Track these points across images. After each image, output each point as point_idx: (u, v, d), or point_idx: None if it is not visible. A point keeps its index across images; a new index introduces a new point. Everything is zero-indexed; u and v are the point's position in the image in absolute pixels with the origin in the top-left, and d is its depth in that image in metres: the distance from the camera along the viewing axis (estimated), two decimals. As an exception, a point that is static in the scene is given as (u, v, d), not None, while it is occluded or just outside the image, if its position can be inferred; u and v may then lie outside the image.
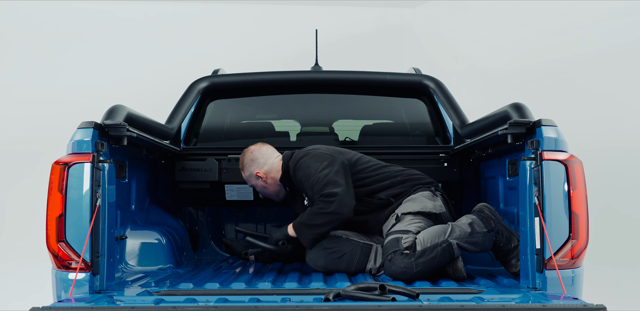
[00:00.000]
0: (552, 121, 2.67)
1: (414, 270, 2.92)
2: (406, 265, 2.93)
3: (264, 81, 4.05)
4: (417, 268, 2.93)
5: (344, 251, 3.17)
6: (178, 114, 3.67)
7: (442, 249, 2.96)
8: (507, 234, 3.02)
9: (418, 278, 2.94)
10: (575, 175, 2.60)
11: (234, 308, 2.19)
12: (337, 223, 3.18)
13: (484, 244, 3.01)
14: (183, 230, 3.85)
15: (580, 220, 2.59)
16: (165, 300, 2.36)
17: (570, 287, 2.58)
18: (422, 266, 2.93)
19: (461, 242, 2.98)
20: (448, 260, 2.97)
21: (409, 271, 2.93)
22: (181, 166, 3.86)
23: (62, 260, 2.58)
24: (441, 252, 2.95)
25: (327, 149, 3.43)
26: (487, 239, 3.00)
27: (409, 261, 2.94)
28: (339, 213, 3.13)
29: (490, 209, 3.13)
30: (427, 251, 2.95)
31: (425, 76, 4.03)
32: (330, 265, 3.18)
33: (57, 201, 2.57)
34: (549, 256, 2.55)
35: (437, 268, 2.97)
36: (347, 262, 3.15)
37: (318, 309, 2.13)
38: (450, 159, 3.90)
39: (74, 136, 2.62)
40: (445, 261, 2.96)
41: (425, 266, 2.93)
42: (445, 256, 2.95)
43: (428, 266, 2.93)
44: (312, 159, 3.33)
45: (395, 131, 4.42)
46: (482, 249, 3.04)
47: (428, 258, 2.94)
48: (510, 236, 3.02)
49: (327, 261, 3.18)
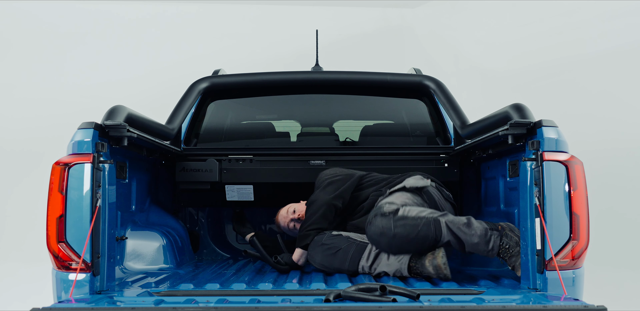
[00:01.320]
0: (552, 121, 2.67)
1: (392, 231, 2.91)
2: (384, 225, 2.94)
3: (265, 81, 4.05)
4: (396, 230, 2.91)
5: (339, 247, 3.18)
6: (178, 115, 3.67)
7: (427, 220, 2.94)
8: (517, 239, 2.93)
9: (397, 246, 2.93)
10: (576, 176, 2.60)
11: (234, 309, 2.19)
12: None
13: (480, 237, 2.92)
14: (183, 231, 3.85)
15: (581, 221, 2.59)
16: (166, 301, 2.36)
17: (571, 288, 2.57)
18: (401, 229, 2.91)
19: (452, 226, 2.94)
20: (432, 235, 2.91)
21: (388, 233, 2.92)
22: (181, 166, 3.86)
23: (62, 260, 2.58)
24: (425, 222, 2.93)
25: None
26: (484, 234, 2.93)
27: (387, 221, 2.94)
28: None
29: (509, 225, 3.04)
30: (410, 218, 2.95)
31: (426, 76, 4.03)
32: (326, 261, 3.19)
33: (58, 201, 2.57)
34: (550, 257, 2.54)
35: (418, 240, 2.92)
36: (341, 258, 3.15)
37: (318, 310, 2.13)
38: (450, 160, 3.90)
39: (74, 137, 2.62)
40: (429, 235, 2.91)
41: (404, 230, 2.91)
42: (429, 229, 2.91)
43: (408, 231, 2.91)
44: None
45: (395, 131, 4.42)
46: (478, 244, 2.93)
47: (409, 223, 2.93)
48: (519, 241, 2.97)
49: (323, 257, 3.20)
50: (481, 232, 2.95)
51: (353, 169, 3.84)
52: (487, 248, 2.95)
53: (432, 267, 2.96)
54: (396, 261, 3.05)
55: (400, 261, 3.04)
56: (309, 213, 3.43)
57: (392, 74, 4.05)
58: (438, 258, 2.95)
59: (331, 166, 3.90)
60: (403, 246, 2.98)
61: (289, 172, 3.91)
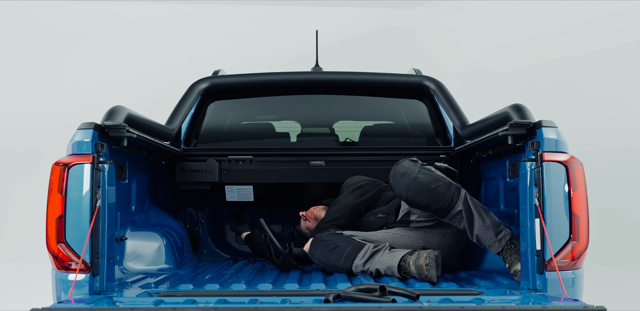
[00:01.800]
0: (552, 122, 2.67)
1: (414, 174, 2.96)
2: (410, 167, 3.01)
3: (265, 81, 4.05)
4: (419, 174, 2.96)
5: (337, 244, 3.20)
6: (178, 115, 3.67)
7: (450, 182, 2.99)
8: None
9: (413, 190, 2.96)
10: (576, 176, 2.60)
11: (234, 310, 2.19)
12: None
13: (493, 224, 2.94)
14: (183, 231, 3.85)
15: (581, 221, 2.59)
16: (165, 301, 2.36)
17: (570, 288, 2.57)
18: (424, 176, 2.96)
19: (471, 200, 2.97)
20: (449, 197, 2.93)
21: (410, 174, 2.97)
22: (181, 167, 3.86)
23: (62, 261, 2.58)
24: (447, 182, 2.98)
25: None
26: (497, 224, 2.95)
27: (414, 165, 3.01)
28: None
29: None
30: (435, 173, 3.00)
31: (426, 76, 4.03)
32: (324, 257, 3.22)
33: (57, 202, 2.57)
34: (550, 258, 2.54)
35: (434, 194, 2.94)
36: (337, 256, 3.17)
37: (318, 310, 2.13)
38: (450, 160, 3.90)
39: (73, 137, 2.62)
40: (446, 194, 2.93)
41: (426, 178, 2.96)
42: (449, 189, 2.95)
43: (429, 180, 2.95)
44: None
45: (395, 132, 4.42)
46: (488, 229, 2.94)
47: (432, 175, 2.98)
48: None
49: (322, 253, 3.23)
50: (495, 221, 2.98)
51: (353, 169, 3.86)
52: (495, 238, 2.94)
53: (414, 267, 2.95)
54: (388, 259, 3.06)
55: (393, 258, 3.04)
56: (332, 210, 3.56)
57: (392, 75, 4.05)
58: (421, 258, 2.93)
59: (331, 166, 3.91)
60: (419, 194, 2.98)
61: (289, 172, 3.91)
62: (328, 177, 3.89)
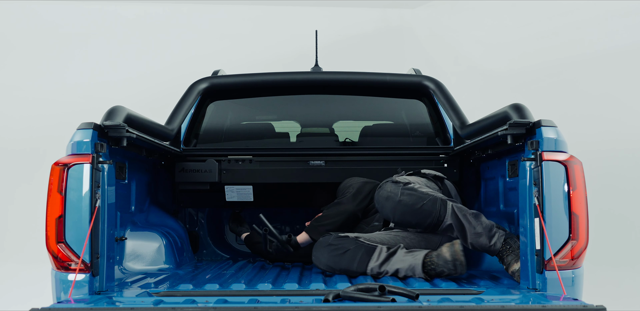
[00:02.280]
0: (552, 121, 2.67)
1: (397, 197, 2.97)
2: (392, 190, 3.01)
3: (264, 82, 4.05)
4: (402, 197, 2.97)
5: (347, 248, 3.13)
6: (178, 115, 3.67)
7: (434, 197, 2.98)
8: (519, 245, 2.91)
9: (400, 213, 2.98)
10: (575, 176, 2.60)
11: (233, 309, 2.19)
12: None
13: (485, 229, 2.93)
14: (183, 231, 3.85)
15: (580, 221, 2.59)
16: (165, 301, 2.36)
17: (570, 288, 2.57)
18: (407, 197, 2.97)
19: (458, 211, 2.96)
20: (436, 213, 2.94)
21: (393, 198, 2.98)
22: (181, 167, 3.86)
23: (61, 261, 2.58)
24: (432, 199, 2.97)
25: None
26: (489, 228, 2.94)
27: (396, 187, 3.01)
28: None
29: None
30: (419, 192, 3.00)
31: (425, 76, 4.02)
32: (333, 261, 3.14)
33: (57, 202, 2.57)
34: (549, 257, 2.54)
35: (422, 213, 2.96)
36: (349, 259, 3.10)
37: (317, 310, 2.13)
38: (450, 160, 3.90)
39: (73, 137, 2.62)
40: (432, 211, 2.94)
41: (410, 199, 2.96)
42: (434, 205, 2.95)
43: (413, 200, 2.96)
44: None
45: (395, 132, 4.42)
46: (481, 235, 2.94)
47: (416, 194, 2.98)
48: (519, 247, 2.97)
49: (330, 257, 3.15)
50: (487, 225, 2.97)
51: (353, 169, 3.86)
52: (490, 243, 2.94)
53: (449, 254, 2.88)
54: (411, 257, 3.00)
55: (415, 257, 2.99)
56: (330, 213, 3.54)
57: (391, 75, 4.05)
58: (456, 244, 2.90)
59: (331, 166, 3.91)
60: (406, 216, 2.99)
61: (288, 172, 3.91)
62: (328, 177, 3.89)
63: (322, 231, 3.47)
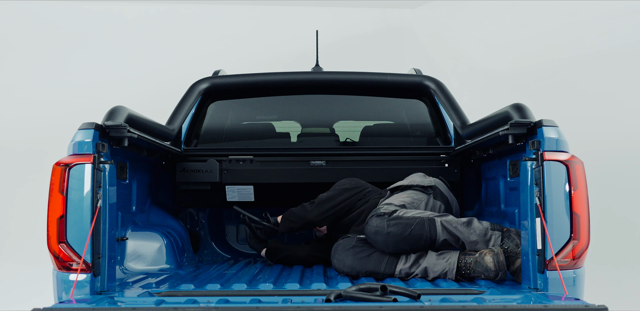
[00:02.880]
0: (553, 121, 2.67)
1: (385, 230, 2.98)
2: (378, 224, 3.02)
3: (265, 82, 4.05)
4: (389, 229, 2.98)
5: (373, 249, 3.09)
6: (179, 115, 3.68)
7: (421, 219, 2.99)
8: (518, 242, 2.91)
9: (392, 244, 2.98)
10: (577, 175, 2.60)
11: (235, 309, 2.19)
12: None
13: (479, 236, 2.93)
14: (184, 231, 3.85)
15: (582, 220, 2.59)
16: (166, 301, 2.36)
17: (571, 288, 2.57)
18: (394, 228, 2.97)
19: (448, 225, 2.97)
20: (426, 234, 2.95)
21: (381, 231, 2.99)
22: (182, 167, 3.86)
23: (63, 261, 2.58)
24: (419, 222, 2.99)
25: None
26: (483, 233, 2.94)
27: (381, 221, 3.02)
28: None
29: (517, 231, 3.01)
30: (404, 218, 3.02)
31: (426, 76, 4.03)
32: (359, 264, 3.08)
33: (58, 202, 2.57)
34: (551, 257, 2.54)
35: (412, 238, 2.96)
36: (376, 261, 3.06)
37: (319, 310, 2.13)
38: (451, 160, 3.90)
39: (74, 137, 2.62)
40: (422, 234, 2.95)
41: (397, 229, 2.97)
42: (423, 228, 2.96)
43: (401, 230, 2.96)
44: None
45: (396, 131, 4.42)
46: (477, 242, 2.94)
47: (402, 222, 2.99)
48: (520, 244, 2.93)
49: (355, 260, 3.09)
50: (480, 231, 2.96)
51: (353, 169, 3.85)
52: (487, 247, 2.95)
53: (493, 264, 2.83)
54: (443, 261, 2.97)
55: (448, 261, 2.95)
56: (296, 214, 3.59)
57: (392, 75, 4.05)
58: (501, 255, 2.84)
59: (331, 166, 3.91)
60: (398, 245, 3.00)
61: (289, 172, 3.91)
62: (328, 177, 3.89)
63: (286, 227, 3.59)
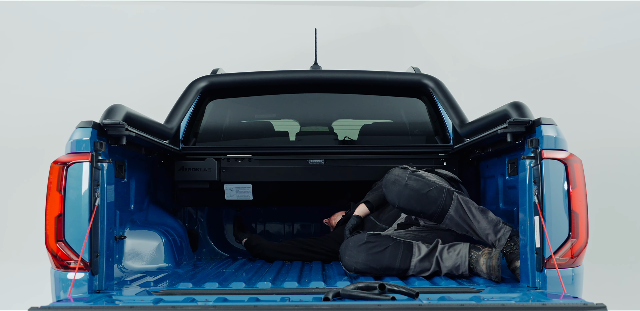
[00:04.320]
0: (551, 119, 2.66)
1: (404, 181, 3.00)
2: (400, 174, 3.05)
3: (263, 80, 4.05)
4: (409, 181, 2.99)
5: (386, 244, 3.03)
6: (177, 114, 3.67)
7: (441, 187, 3.00)
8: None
9: (405, 197, 2.99)
10: (575, 174, 2.60)
11: (233, 308, 2.18)
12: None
13: (490, 224, 2.93)
14: (182, 230, 3.85)
15: (580, 219, 2.59)
16: (164, 300, 2.36)
17: (570, 286, 2.57)
18: (414, 182, 2.98)
19: (464, 203, 2.97)
20: (441, 202, 2.95)
21: (401, 181, 3.01)
22: (180, 165, 3.86)
23: (60, 259, 2.58)
24: (439, 187, 2.99)
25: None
26: (495, 223, 2.93)
27: (404, 172, 3.05)
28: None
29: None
30: (426, 179, 3.03)
31: (425, 75, 4.02)
32: (373, 260, 3.00)
33: (56, 200, 2.57)
34: (549, 255, 2.54)
35: (427, 200, 2.97)
36: (391, 256, 2.99)
37: (317, 308, 2.12)
38: (449, 159, 3.90)
39: (72, 136, 2.62)
40: (438, 199, 2.95)
41: (417, 184, 2.98)
42: (440, 194, 2.96)
43: (420, 186, 2.98)
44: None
45: (394, 130, 4.42)
46: (485, 229, 2.93)
47: (423, 180, 3.01)
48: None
49: (369, 256, 3.01)
50: (492, 220, 2.96)
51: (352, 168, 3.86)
52: (495, 237, 2.93)
53: (485, 267, 2.87)
54: (455, 255, 2.95)
55: (459, 255, 2.94)
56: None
57: (390, 73, 4.04)
58: (494, 259, 2.85)
59: (330, 165, 3.91)
60: (411, 201, 2.99)
61: (288, 171, 3.91)
62: (327, 175, 3.89)
63: (373, 198, 3.53)
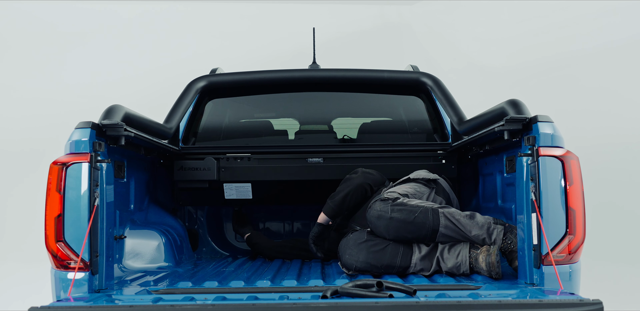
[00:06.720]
0: (548, 117, 2.68)
1: (388, 215, 2.98)
2: (382, 209, 3.01)
3: (262, 79, 4.06)
4: (393, 214, 2.97)
5: (387, 242, 3.05)
6: (176, 114, 3.68)
7: (425, 209, 2.98)
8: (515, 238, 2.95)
9: (394, 229, 2.96)
10: (572, 171, 2.61)
11: (232, 306, 2.20)
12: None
13: (482, 229, 2.94)
14: (182, 229, 3.86)
15: (577, 216, 2.60)
16: (164, 299, 2.37)
17: (567, 282, 2.59)
18: (398, 213, 2.97)
19: (450, 216, 2.96)
20: (429, 223, 2.94)
21: (385, 215, 2.98)
22: (180, 165, 3.87)
23: (60, 259, 2.59)
24: (423, 211, 2.98)
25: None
26: (486, 227, 2.95)
27: (385, 205, 3.01)
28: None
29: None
30: (408, 205, 3.01)
31: (423, 73, 4.03)
32: (374, 258, 3.02)
33: (56, 201, 2.58)
34: (546, 252, 2.56)
35: (415, 226, 2.95)
36: (391, 254, 3.01)
37: (315, 306, 2.13)
38: (448, 156, 3.91)
39: (71, 136, 2.63)
40: (426, 222, 2.94)
41: (401, 215, 2.96)
42: (426, 216, 2.95)
43: (404, 215, 2.96)
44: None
45: (393, 128, 4.43)
46: (479, 235, 2.94)
47: (406, 208, 2.99)
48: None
49: (369, 254, 3.04)
50: (482, 224, 2.97)
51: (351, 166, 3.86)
52: (490, 240, 2.96)
53: (484, 264, 2.88)
54: (456, 255, 2.97)
55: (459, 254, 2.96)
56: (341, 186, 3.50)
57: (389, 71, 4.05)
58: (492, 255, 2.86)
59: (329, 163, 3.92)
60: (400, 231, 2.99)
61: (287, 170, 3.92)
62: (326, 174, 3.90)
63: (330, 206, 3.45)
